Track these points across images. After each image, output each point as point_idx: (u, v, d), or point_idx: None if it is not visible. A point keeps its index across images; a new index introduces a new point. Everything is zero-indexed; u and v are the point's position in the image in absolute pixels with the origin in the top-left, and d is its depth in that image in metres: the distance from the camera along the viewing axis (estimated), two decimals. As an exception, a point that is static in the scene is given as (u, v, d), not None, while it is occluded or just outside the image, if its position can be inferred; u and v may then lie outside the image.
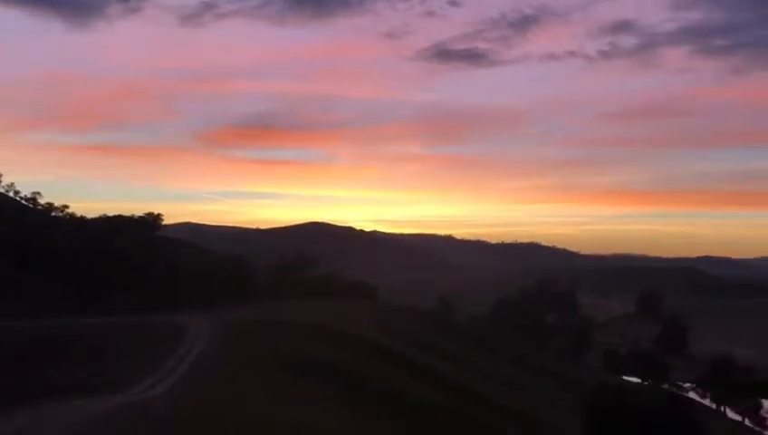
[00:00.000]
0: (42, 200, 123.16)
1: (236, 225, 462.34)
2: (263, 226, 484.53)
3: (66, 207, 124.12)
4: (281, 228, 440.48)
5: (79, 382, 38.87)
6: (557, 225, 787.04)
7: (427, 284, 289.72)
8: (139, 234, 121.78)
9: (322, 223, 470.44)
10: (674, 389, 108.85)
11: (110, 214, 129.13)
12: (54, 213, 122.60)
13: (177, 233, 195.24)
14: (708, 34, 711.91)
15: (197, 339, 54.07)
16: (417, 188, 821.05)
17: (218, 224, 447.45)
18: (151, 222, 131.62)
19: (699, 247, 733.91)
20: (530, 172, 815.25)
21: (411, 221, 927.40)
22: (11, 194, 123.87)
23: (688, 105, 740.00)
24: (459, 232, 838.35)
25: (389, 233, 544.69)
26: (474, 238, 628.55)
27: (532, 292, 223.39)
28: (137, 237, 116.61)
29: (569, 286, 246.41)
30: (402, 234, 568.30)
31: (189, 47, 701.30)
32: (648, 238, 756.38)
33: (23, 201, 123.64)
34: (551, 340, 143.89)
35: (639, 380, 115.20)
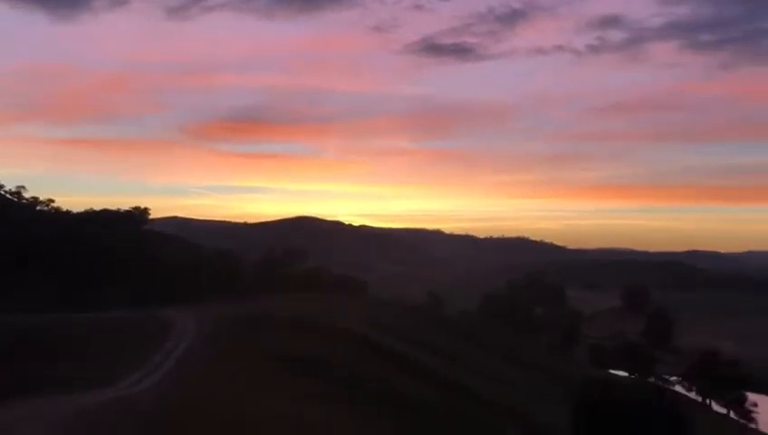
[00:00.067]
0: (26, 194, 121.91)
1: (224, 219, 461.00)
2: (251, 220, 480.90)
3: (51, 201, 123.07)
4: (269, 223, 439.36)
5: (65, 377, 38.59)
6: (545, 219, 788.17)
7: (416, 278, 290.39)
8: (126, 228, 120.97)
9: (310, 217, 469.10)
10: (660, 382, 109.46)
11: (97, 208, 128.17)
12: (40, 207, 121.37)
13: (164, 227, 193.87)
14: (696, 29, 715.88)
15: (184, 334, 53.82)
16: (405, 183, 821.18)
17: (206, 218, 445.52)
18: (138, 216, 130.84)
19: (685, 242, 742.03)
20: (518, 167, 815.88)
21: (399, 215, 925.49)
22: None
23: (676, 100, 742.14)
24: (447, 226, 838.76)
25: (378, 227, 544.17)
26: (462, 233, 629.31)
27: (520, 286, 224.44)
28: (123, 232, 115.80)
29: (557, 280, 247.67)
30: (390, 228, 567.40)
31: (176, 40, 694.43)
32: (635, 233, 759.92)
33: (7, 195, 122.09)
34: (539, 334, 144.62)
35: (626, 373, 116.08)
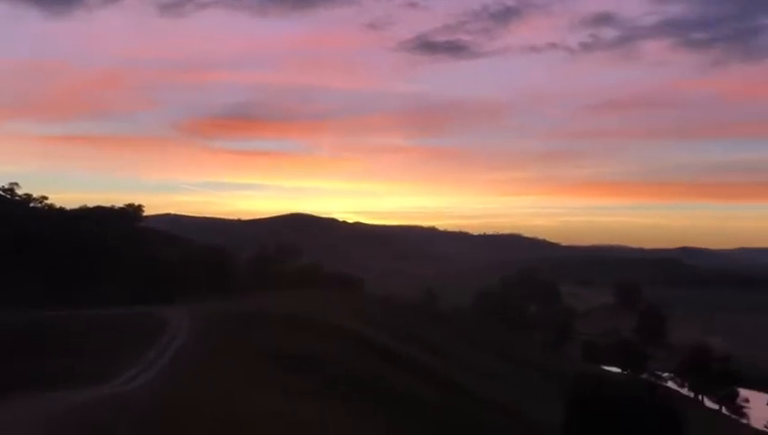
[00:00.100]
0: (20, 191, 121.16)
1: (218, 216, 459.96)
2: (244, 217, 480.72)
3: (45, 197, 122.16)
4: (262, 220, 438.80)
5: (59, 374, 38.47)
6: (538, 216, 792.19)
7: (411, 275, 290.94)
8: (120, 225, 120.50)
9: (305, 214, 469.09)
10: (652, 378, 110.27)
11: (90, 205, 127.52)
12: (33, 204, 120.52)
13: (158, 224, 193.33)
14: (689, 28, 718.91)
15: (179, 331, 53.68)
16: (399, 180, 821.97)
17: (199, 215, 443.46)
18: (132, 213, 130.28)
19: (677, 238, 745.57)
20: (511, 164, 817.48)
21: (393, 212, 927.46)
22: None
23: (669, 97, 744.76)
24: (442, 223, 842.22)
25: (372, 224, 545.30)
26: (456, 229, 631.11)
27: (513, 283, 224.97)
28: (117, 229, 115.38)
29: (550, 277, 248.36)
30: (385, 225, 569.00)
31: (170, 37, 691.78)
32: (627, 229, 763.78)
33: (0, 192, 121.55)
34: (533, 331, 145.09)
35: (619, 370, 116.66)
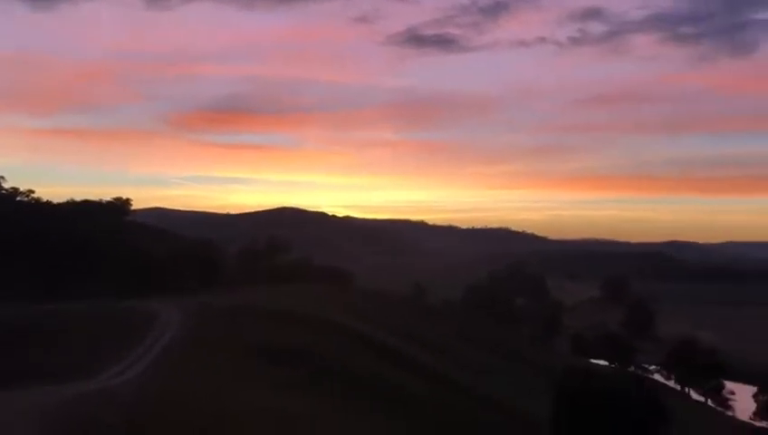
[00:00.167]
0: (6, 184, 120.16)
1: (206, 210, 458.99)
2: (233, 210, 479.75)
3: (32, 191, 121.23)
4: (251, 213, 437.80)
5: (47, 369, 38.33)
6: (526, 210, 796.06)
7: (400, 268, 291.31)
8: (108, 219, 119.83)
9: (294, 208, 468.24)
10: (640, 371, 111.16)
11: (78, 198, 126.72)
12: (20, 197, 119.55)
13: (146, 218, 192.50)
14: (677, 22, 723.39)
15: (168, 325, 53.52)
16: (388, 174, 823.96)
17: (188, 209, 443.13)
18: (120, 207, 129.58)
19: (665, 232, 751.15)
20: (500, 158, 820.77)
21: (383, 206, 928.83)
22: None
23: (657, 92, 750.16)
24: (430, 217, 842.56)
25: (362, 218, 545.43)
26: (445, 224, 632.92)
27: (501, 277, 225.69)
28: (105, 222, 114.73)
29: (538, 271, 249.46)
30: (374, 219, 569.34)
31: (157, 30, 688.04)
32: (616, 223, 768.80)
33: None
34: (521, 325, 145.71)
35: (607, 363, 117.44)
